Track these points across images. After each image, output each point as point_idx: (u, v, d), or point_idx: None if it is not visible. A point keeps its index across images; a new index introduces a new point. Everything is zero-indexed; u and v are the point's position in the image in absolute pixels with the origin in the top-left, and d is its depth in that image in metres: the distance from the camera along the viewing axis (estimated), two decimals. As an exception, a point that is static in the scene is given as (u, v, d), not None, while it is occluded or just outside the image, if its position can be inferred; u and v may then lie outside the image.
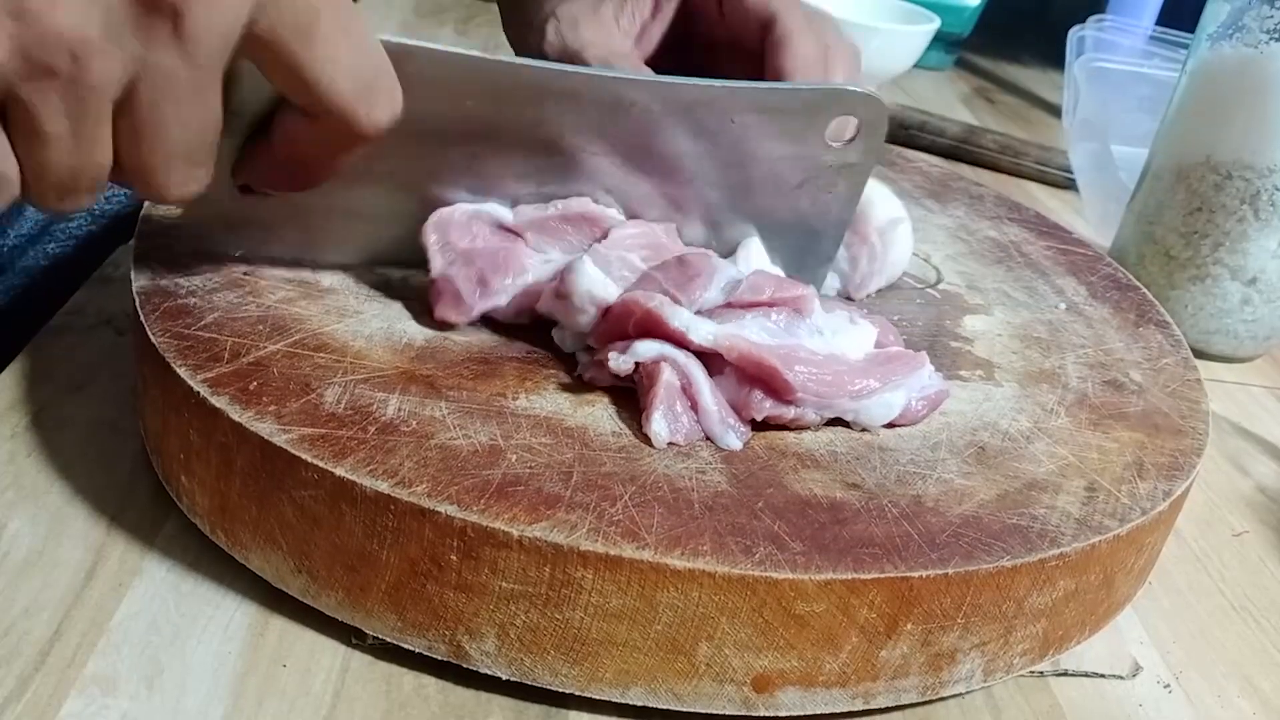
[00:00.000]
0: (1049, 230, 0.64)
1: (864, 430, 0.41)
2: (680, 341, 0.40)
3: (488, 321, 0.44)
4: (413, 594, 0.35)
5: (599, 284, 0.42)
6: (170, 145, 0.34)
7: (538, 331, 0.44)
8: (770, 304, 0.42)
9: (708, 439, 0.39)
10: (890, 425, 0.42)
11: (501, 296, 0.43)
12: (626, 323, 0.41)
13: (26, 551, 0.39)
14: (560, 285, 0.42)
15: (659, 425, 0.38)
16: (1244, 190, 0.62)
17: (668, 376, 0.39)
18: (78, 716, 0.33)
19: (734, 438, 0.39)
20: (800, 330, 0.41)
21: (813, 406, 0.40)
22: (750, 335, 0.40)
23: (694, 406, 0.39)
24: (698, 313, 0.42)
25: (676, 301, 0.42)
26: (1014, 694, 0.40)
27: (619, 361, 0.40)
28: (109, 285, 0.54)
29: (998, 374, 0.47)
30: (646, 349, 0.40)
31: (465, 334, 0.43)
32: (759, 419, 0.40)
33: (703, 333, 0.40)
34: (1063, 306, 0.54)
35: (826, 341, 0.42)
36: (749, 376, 0.40)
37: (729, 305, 0.42)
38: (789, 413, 0.40)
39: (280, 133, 0.37)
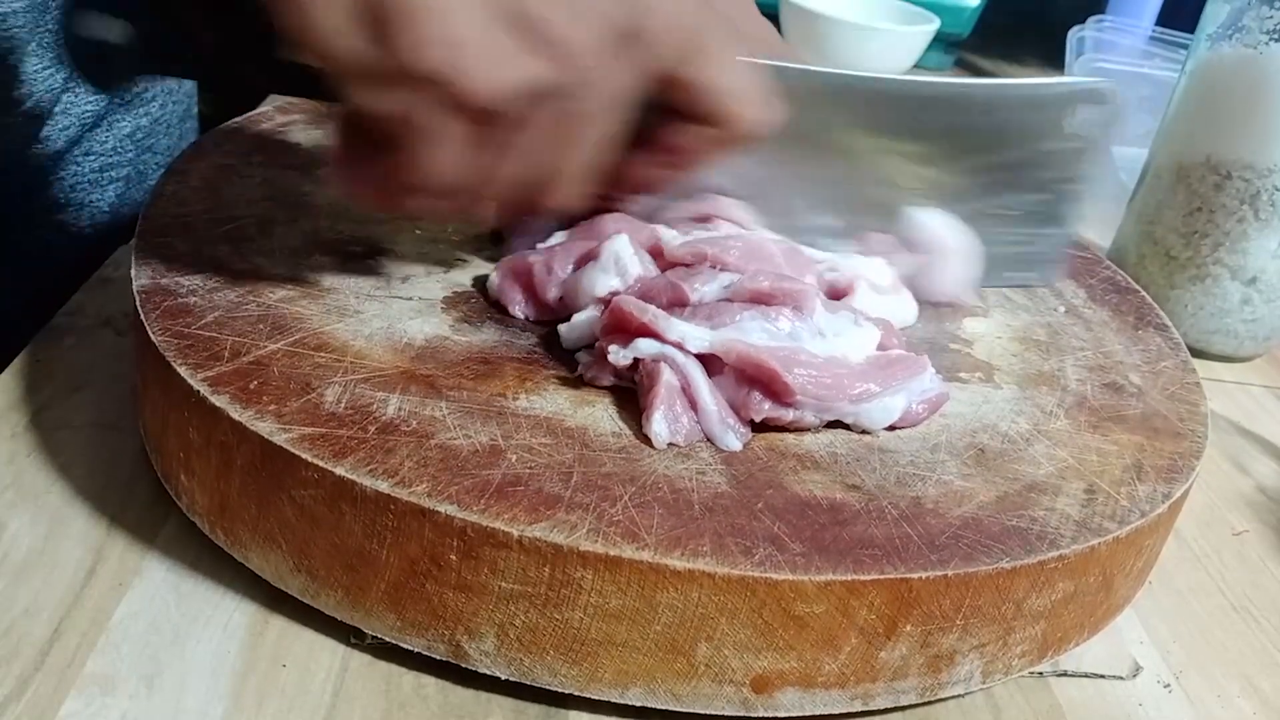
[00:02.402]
0: (1049, 231, 0.64)
1: (864, 432, 0.41)
2: (679, 347, 0.40)
3: (491, 321, 0.44)
4: (412, 594, 0.35)
5: (628, 254, 0.43)
6: (589, 156, 0.40)
7: (539, 332, 0.44)
8: (769, 296, 0.42)
9: (708, 440, 0.39)
10: (890, 427, 0.42)
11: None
12: (627, 322, 0.41)
13: (26, 551, 0.39)
14: (595, 249, 0.44)
15: (659, 426, 0.38)
16: (1244, 190, 0.62)
17: (668, 377, 0.39)
18: (77, 716, 0.33)
19: (734, 438, 0.39)
20: (801, 332, 0.41)
21: (812, 409, 0.40)
22: (750, 337, 0.40)
23: (694, 406, 0.39)
24: (698, 304, 0.42)
25: (680, 291, 0.42)
26: (1014, 694, 0.40)
27: (618, 355, 0.40)
28: (109, 285, 0.54)
29: (997, 376, 0.47)
30: (647, 346, 0.40)
31: (465, 334, 0.43)
32: (758, 420, 0.40)
33: (699, 341, 0.40)
34: (1062, 309, 0.54)
35: (828, 343, 0.42)
36: (748, 378, 0.40)
37: (728, 300, 0.42)
38: (788, 414, 0.40)
39: (663, 143, 0.42)
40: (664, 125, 0.41)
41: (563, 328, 0.43)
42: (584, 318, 0.43)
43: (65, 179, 0.64)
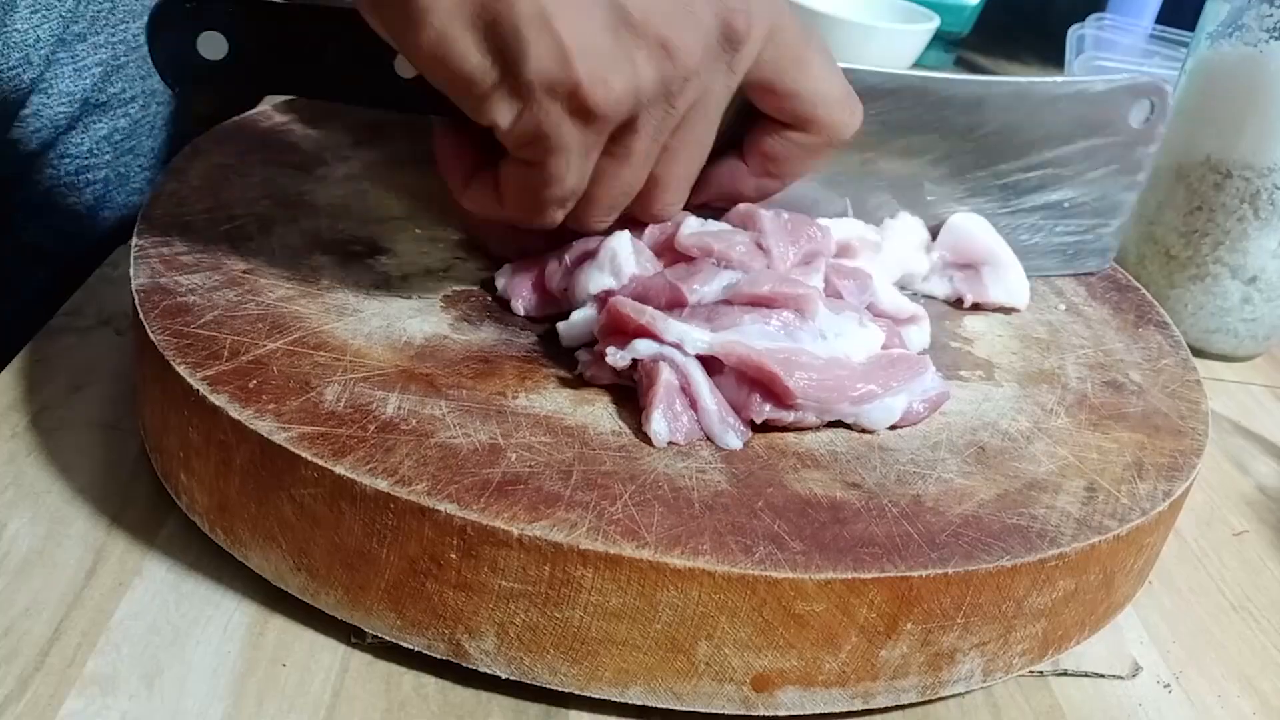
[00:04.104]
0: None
1: (864, 430, 0.41)
2: (677, 348, 0.40)
3: (490, 319, 0.44)
4: (412, 592, 0.35)
5: (625, 253, 0.43)
6: (691, 165, 0.41)
7: (538, 331, 0.44)
8: (770, 300, 0.42)
9: (707, 438, 0.39)
10: (891, 426, 0.42)
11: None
12: (625, 324, 0.41)
13: (26, 551, 0.39)
14: (596, 245, 0.43)
15: (659, 424, 0.38)
16: (1244, 189, 0.62)
17: (667, 376, 0.39)
18: (78, 716, 0.33)
19: (734, 437, 0.39)
20: (802, 334, 0.41)
21: (813, 410, 0.40)
22: (750, 340, 0.40)
23: (693, 405, 0.39)
24: (697, 305, 0.42)
25: (677, 293, 0.42)
26: (1014, 694, 0.40)
27: (616, 358, 0.40)
28: (109, 285, 0.54)
29: (997, 374, 0.47)
30: (646, 347, 0.40)
31: (465, 333, 0.43)
32: (758, 422, 0.40)
33: (698, 343, 0.40)
34: (1062, 307, 0.54)
35: (829, 344, 0.41)
36: (748, 379, 0.40)
37: (727, 302, 0.42)
38: (789, 416, 0.40)
39: (760, 150, 0.43)
40: (757, 132, 0.43)
41: (561, 326, 0.43)
42: (581, 316, 0.43)
43: (41, 182, 0.64)
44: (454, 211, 0.50)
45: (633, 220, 0.44)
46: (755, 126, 0.43)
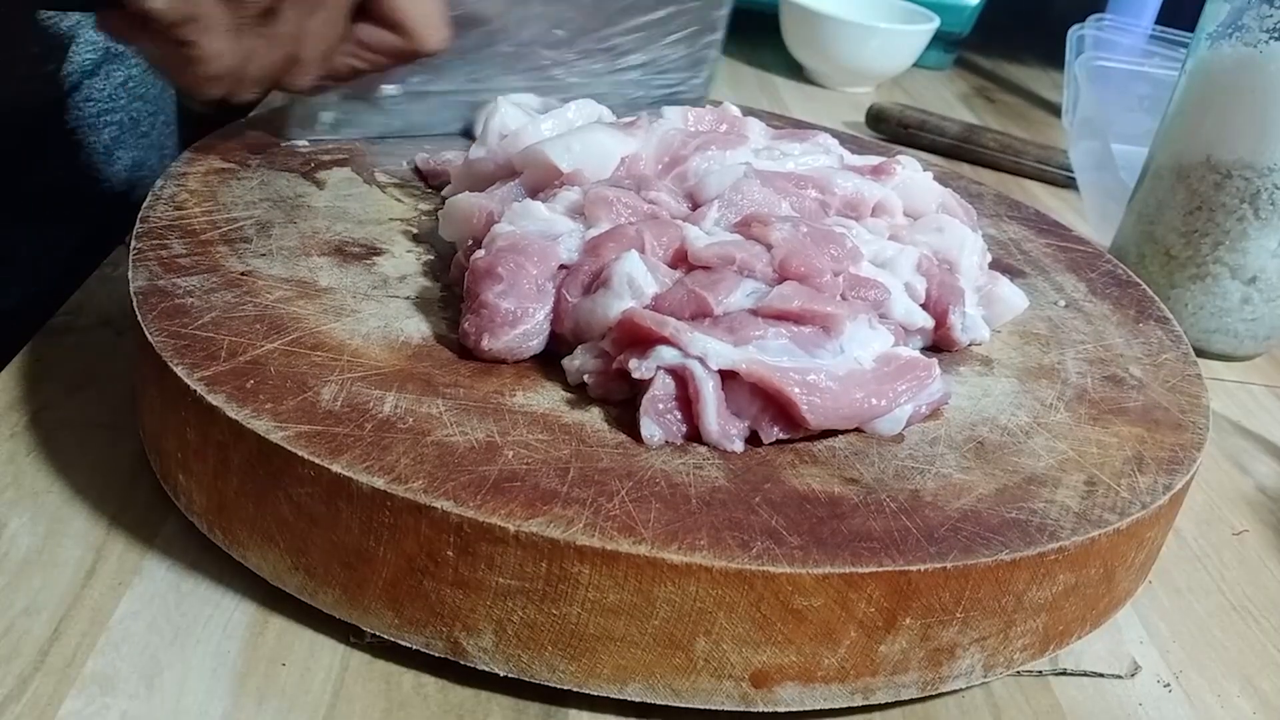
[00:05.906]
0: (1048, 228, 0.64)
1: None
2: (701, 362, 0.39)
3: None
4: (410, 590, 0.35)
5: (640, 273, 0.41)
6: (321, 47, 0.48)
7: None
8: (798, 317, 0.41)
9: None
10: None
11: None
12: (643, 333, 0.40)
13: (26, 551, 0.39)
14: (604, 271, 0.42)
15: (651, 429, 0.38)
16: (1244, 189, 0.62)
17: (663, 380, 0.39)
18: (77, 715, 0.33)
19: (736, 443, 0.39)
20: (823, 350, 0.41)
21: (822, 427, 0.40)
22: (771, 355, 0.40)
23: (698, 419, 0.39)
24: (723, 315, 0.41)
25: (703, 303, 0.41)
26: (1014, 693, 0.40)
27: (641, 368, 0.39)
28: (108, 285, 0.54)
29: (997, 369, 0.47)
30: (671, 354, 0.39)
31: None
32: (766, 443, 0.39)
33: (721, 358, 0.39)
34: (1062, 303, 0.54)
35: (845, 358, 0.41)
36: (762, 394, 0.39)
37: (754, 312, 0.41)
38: (797, 434, 0.40)
39: (357, 37, 0.50)
40: (360, 21, 0.50)
41: (566, 362, 0.42)
42: (589, 349, 0.41)
43: (68, 121, 0.68)
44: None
45: (639, 240, 0.44)
46: (361, 18, 0.50)
